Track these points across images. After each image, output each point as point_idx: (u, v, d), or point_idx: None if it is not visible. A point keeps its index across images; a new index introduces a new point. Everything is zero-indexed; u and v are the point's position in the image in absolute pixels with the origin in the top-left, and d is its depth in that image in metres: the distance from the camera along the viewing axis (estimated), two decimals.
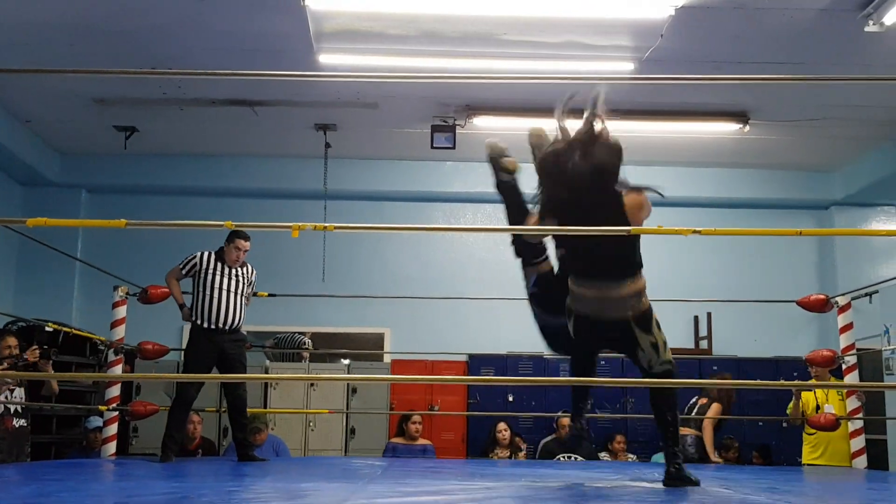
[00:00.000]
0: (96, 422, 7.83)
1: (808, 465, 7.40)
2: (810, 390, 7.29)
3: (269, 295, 7.43)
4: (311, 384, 9.61)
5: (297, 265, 10.38)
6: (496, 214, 11.10)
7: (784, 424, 8.61)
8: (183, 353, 6.74)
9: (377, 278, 10.59)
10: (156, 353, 7.03)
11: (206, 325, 6.42)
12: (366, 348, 10.92)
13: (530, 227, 4.27)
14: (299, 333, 10.75)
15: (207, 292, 6.46)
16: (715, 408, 7.92)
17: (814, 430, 7.26)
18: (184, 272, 6.58)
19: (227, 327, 6.45)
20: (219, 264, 6.54)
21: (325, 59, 7.58)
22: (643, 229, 3.45)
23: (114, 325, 6.88)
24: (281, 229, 6.11)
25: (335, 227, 3.39)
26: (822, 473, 6.48)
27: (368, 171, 10.72)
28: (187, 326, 10.35)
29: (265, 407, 9.27)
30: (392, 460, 7.14)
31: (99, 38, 7.27)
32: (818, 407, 7.25)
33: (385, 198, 10.89)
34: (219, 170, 10.63)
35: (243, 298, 6.61)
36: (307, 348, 10.60)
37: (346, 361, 10.93)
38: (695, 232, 3.19)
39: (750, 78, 3.36)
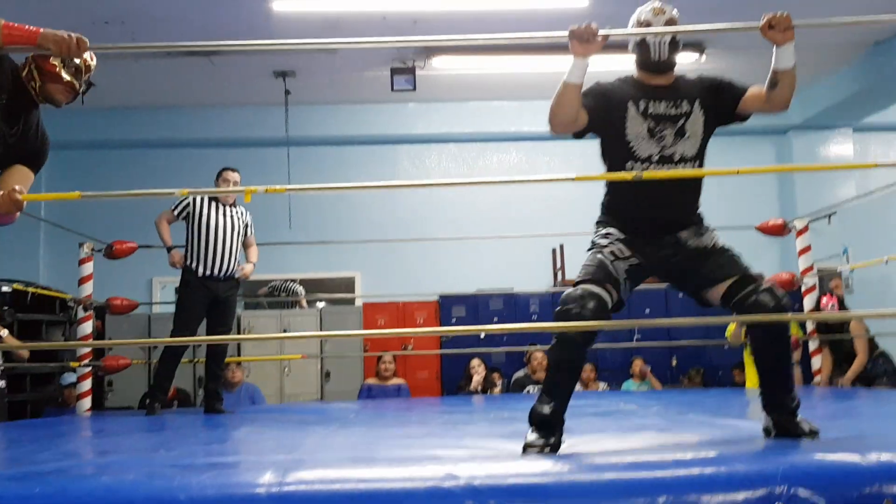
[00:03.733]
0: (70, 378, 7.88)
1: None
2: None
3: None
4: (285, 329, 9.68)
5: (264, 213, 10.29)
6: (461, 154, 11.25)
7: (725, 347, 8.78)
8: (176, 300, 6.49)
9: (345, 222, 10.63)
10: (125, 307, 7.06)
11: (201, 270, 6.24)
12: (337, 292, 11.00)
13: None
14: (291, 281, 10.80)
15: (203, 234, 6.25)
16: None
17: None
18: (176, 213, 6.37)
19: (222, 273, 6.28)
20: (213, 203, 6.35)
21: (278, 6, 7.52)
22: (590, 176, 3.48)
23: (81, 281, 6.89)
24: (235, 193, 6.17)
25: (286, 190, 3.42)
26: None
27: (330, 116, 10.69)
28: (158, 278, 10.51)
29: (238, 355, 9.36)
30: (366, 402, 7.27)
31: None
32: None
33: (348, 142, 10.89)
34: (178, 121, 10.56)
35: (240, 241, 6.43)
36: (301, 296, 10.68)
37: (321, 305, 11.02)
38: (635, 178, 3.25)
39: (705, 29, 3.38)
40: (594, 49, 3.35)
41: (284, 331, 9.64)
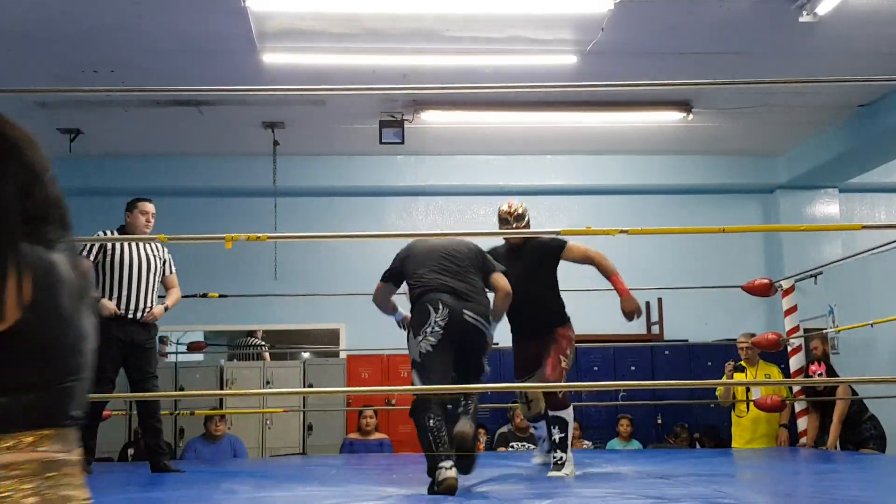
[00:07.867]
0: None
1: (739, 448, 7.57)
2: (742, 371, 7.47)
3: (221, 296, 7.41)
4: (268, 381, 9.59)
5: (249, 263, 10.32)
6: (448, 207, 11.24)
7: (711, 405, 8.71)
8: None
9: (331, 273, 10.54)
10: None
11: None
12: (321, 344, 10.91)
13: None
14: (249, 335, 10.70)
15: (112, 273, 5.75)
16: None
17: (744, 413, 7.43)
18: (91, 258, 5.76)
19: (136, 313, 5.74)
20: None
21: (268, 58, 7.54)
22: (574, 231, 3.49)
23: None
24: (215, 241, 6.04)
25: (268, 238, 3.38)
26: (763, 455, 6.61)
27: (318, 167, 10.67)
28: None
29: (221, 407, 9.25)
30: (348, 457, 7.19)
31: (37, 44, 7.16)
32: (748, 389, 7.44)
33: (336, 193, 10.87)
34: (166, 170, 10.51)
35: (156, 279, 5.92)
36: (264, 345, 10.60)
37: (307, 355, 10.93)
38: (622, 232, 3.25)
39: (688, 83, 3.38)
40: None
41: (268, 383, 9.55)
